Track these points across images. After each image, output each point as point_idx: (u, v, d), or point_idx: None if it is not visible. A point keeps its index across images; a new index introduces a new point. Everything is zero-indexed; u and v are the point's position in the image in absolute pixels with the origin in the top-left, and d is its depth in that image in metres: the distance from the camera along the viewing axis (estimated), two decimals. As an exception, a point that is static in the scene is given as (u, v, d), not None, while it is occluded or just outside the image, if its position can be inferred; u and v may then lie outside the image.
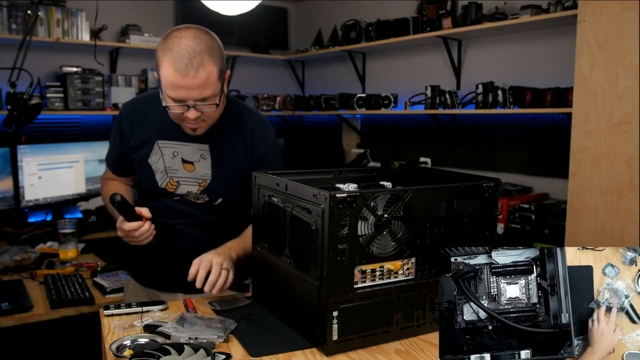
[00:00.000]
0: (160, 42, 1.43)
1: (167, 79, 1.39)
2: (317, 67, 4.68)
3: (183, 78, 1.37)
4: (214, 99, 1.43)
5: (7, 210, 2.78)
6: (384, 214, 1.18)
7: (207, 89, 1.40)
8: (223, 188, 1.60)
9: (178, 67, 1.36)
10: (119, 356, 1.16)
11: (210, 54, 1.39)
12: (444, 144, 3.64)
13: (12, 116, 2.41)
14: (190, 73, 1.36)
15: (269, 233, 1.39)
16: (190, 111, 1.42)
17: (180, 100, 1.41)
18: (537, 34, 3.07)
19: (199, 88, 1.39)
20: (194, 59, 1.36)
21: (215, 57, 1.41)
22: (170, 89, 1.40)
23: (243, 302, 1.47)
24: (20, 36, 2.80)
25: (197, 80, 1.37)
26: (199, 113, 1.43)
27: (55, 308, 1.95)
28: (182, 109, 1.43)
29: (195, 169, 1.59)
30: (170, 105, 1.43)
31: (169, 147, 1.59)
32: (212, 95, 1.42)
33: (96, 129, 3.78)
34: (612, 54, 2.16)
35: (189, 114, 1.43)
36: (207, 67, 1.38)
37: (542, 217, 2.71)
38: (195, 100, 1.41)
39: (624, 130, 2.14)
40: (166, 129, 1.58)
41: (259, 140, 1.61)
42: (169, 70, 1.37)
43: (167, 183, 1.60)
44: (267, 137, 1.63)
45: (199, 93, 1.39)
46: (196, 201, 1.61)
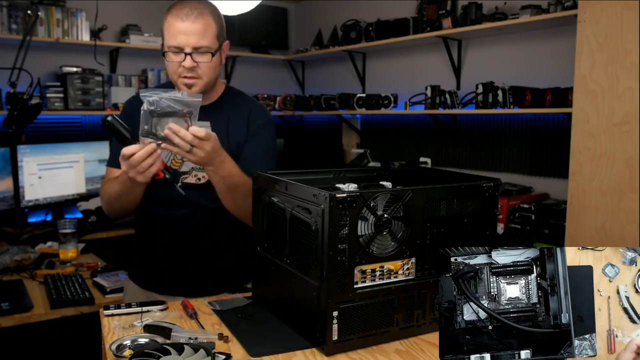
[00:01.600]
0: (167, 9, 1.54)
1: (168, 27, 1.50)
2: (317, 67, 4.68)
3: (183, 22, 1.47)
4: (210, 54, 1.51)
5: (7, 210, 2.78)
6: (384, 214, 1.18)
7: (204, 38, 1.49)
8: None
9: (179, 14, 1.48)
10: (119, 356, 1.16)
11: (211, 13, 1.52)
12: (444, 144, 3.64)
13: (12, 116, 2.41)
14: (190, 19, 1.47)
15: (269, 233, 1.39)
16: (186, 60, 1.48)
17: (178, 48, 1.48)
18: (537, 34, 3.07)
19: (197, 35, 1.48)
20: (194, 9, 1.48)
21: (215, 17, 1.53)
22: (169, 36, 1.50)
23: (243, 302, 1.47)
24: (20, 36, 2.80)
25: (196, 25, 1.47)
26: (195, 64, 1.50)
27: (55, 308, 1.95)
28: (179, 58, 1.49)
29: None
30: (169, 54, 1.50)
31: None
32: (208, 48, 1.50)
33: (96, 129, 3.78)
34: (612, 54, 2.16)
35: (185, 62, 1.49)
36: (206, 19, 1.50)
37: (542, 217, 2.71)
38: (192, 48, 1.48)
39: (624, 130, 2.14)
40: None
41: (255, 116, 1.66)
42: (170, 17, 1.50)
43: (172, 160, 1.61)
44: (263, 116, 1.68)
45: (196, 40, 1.48)
46: (198, 182, 1.61)
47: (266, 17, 4.44)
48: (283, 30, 4.74)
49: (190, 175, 1.61)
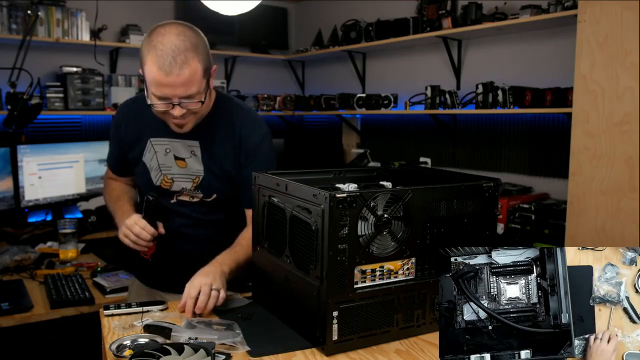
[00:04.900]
0: (145, 39, 1.42)
1: (151, 77, 1.38)
2: (317, 67, 4.68)
3: (167, 76, 1.36)
4: (199, 96, 1.43)
5: (7, 210, 2.78)
6: (384, 214, 1.18)
7: (191, 87, 1.40)
8: (215, 184, 1.59)
9: (162, 65, 1.35)
10: (119, 356, 1.16)
11: (194, 51, 1.38)
12: (444, 144, 3.64)
13: (12, 116, 2.41)
14: (174, 71, 1.35)
15: (269, 233, 1.39)
16: (175, 109, 1.42)
17: (165, 98, 1.41)
18: (537, 34, 3.07)
19: (183, 86, 1.38)
20: (177, 57, 1.35)
21: (200, 54, 1.40)
22: (154, 87, 1.40)
23: (243, 302, 1.47)
24: (20, 36, 2.80)
25: (181, 78, 1.37)
26: (184, 110, 1.43)
27: (55, 308, 1.95)
28: (166, 107, 1.43)
29: (187, 165, 1.59)
30: (155, 103, 1.43)
31: (161, 144, 1.60)
32: (197, 93, 1.42)
33: (96, 129, 3.78)
34: (612, 54, 2.16)
35: (174, 111, 1.42)
36: (191, 65, 1.37)
37: (542, 217, 2.71)
38: (180, 98, 1.40)
39: (624, 130, 2.14)
40: (158, 127, 1.58)
41: (248, 135, 1.58)
42: (152, 68, 1.37)
43: (162, 180, 1.60)
44: (257, 132, 1.59)
45: (184, 91, 1.39)
46: (191, 200, 1.61)
47: (266, 17, 4.44)
48: (283, 30, 4.74)
49: (183, 194, 1.62)
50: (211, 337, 1.19)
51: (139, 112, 1.63)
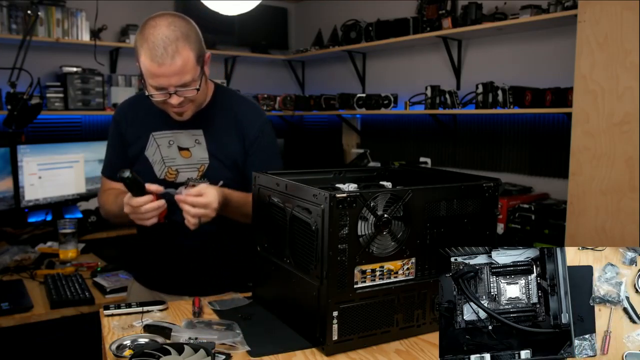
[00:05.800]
0: (137, 33, 1.46)
1: (145, 69, 1.43)
2: (317, 67, 4.68)
3: (160, 67, 1.40)
4: (194, 83, 1.47)
5: (7, 210, 2.78)
6: (384, 214, 1.18)
7: (185, 75, 1.43)
8: (222, 170, 1.60)
9: (154, 57, 1.40)
10: (119, 356, 1.16)
11: (185, 40, 1.42)
12: (444, 144, 3.64)
13: (12, 116, 2.41)
14: (167, 61, 1.39)
15: (269, 233, 1.39)
16: (172, 97, 1.46)
17: (161, 88, 1.45)
18: (537, 34, 3.07)
19: (177, 75, 1.42)
20: (168, 47, 1.39)
21: (191, 42, 1.44)
22: (150, 78, 1.44)
23: (243, 302, 1.47)
24: (20, 36, 2.80)
25: (174, 67, 1.40)
26: (182, 99, 1.47)
27: (55, 308, 1.95)
28: (164, 96, 1.46)
29: (191, 154, 1.60)
30: (153, 94, 1.47)
31: (163, 137, 1.61)
32: (192, 80, 1.46)
33: (96, 129, 3.78)
34: (612, 54, 2.16)
35: (172, 100, 1.46)
36: (182, 54, 1.41)
37: (542, 217, 2.71)
38: (175, 87, 1.44)
39: (624, 130, 2.14)
40: (159, 121, 1.60)
41: (249, 123, 1.62)
42: (146, 60, 1.41)
43: (166, 173, 1.61)
44: (257, 120, 1.64)
45: (178, 80, 1.43)
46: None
47: (266, 17, 4.44)
48: (283, 30, 4.74)
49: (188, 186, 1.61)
50: (211, 337, 1.19)
51: (138, 110, 1.65)
